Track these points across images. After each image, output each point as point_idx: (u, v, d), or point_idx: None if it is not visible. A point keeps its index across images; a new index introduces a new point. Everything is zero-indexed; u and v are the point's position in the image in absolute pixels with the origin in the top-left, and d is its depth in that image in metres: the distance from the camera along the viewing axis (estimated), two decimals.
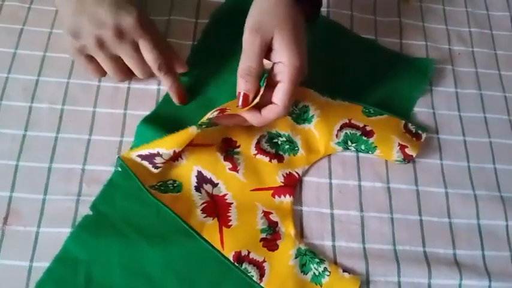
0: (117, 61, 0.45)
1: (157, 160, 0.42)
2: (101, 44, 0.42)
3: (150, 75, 0.46)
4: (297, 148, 0.46)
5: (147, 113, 0.46)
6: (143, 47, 0.44)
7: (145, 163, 0.43)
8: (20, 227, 0.41)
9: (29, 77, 0.47)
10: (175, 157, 0.44)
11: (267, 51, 0.40)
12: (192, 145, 0.44)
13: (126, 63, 0.45)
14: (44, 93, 0.47)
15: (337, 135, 0.46)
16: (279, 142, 0.46)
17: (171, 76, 0.46)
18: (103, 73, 0.46)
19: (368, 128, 0.47)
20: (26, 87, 0.47)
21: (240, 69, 0.40)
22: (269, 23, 0.39)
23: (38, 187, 0.42)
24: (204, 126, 0.42)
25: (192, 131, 0.41)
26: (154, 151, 0.42)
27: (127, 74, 0.46)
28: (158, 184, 0.43)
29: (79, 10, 0.42)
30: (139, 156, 0.43)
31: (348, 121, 0.47)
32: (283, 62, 0.39)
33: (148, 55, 0.44)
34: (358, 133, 0.47)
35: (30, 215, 0.41)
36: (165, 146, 0.42)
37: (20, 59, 0.48)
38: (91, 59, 0.45)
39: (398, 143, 0.46)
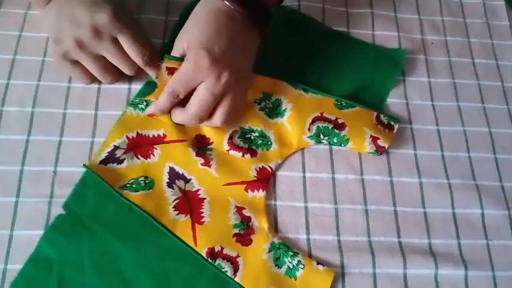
0: (102, 61, 0.45)
1: (118, 153, 0.44)
2: (80, 45, 0.43)
3: (137, 70, 0.46)
4: (270, 143, 0.47)
5: (119, 112, 0.47)
6: (123, 42, 0.44)
7: (111, 165, 0.44)
8: None
9: None
10: (147, 154, 0.45)
11: None
12: (164, 142, 0.45)
13: (111, 61, 0.45)
14: (14, 96, 0.47)
15: (309, 129, 0.47)
16: (252, 137, 0.47)
17: (157, 68, 0.45)
18: (91, 77, 0.47)
19: (340, 121, 0.47)
20: None
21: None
22: (186, 32, 0.42)
23: (10, 190, 0.43)
24: (138, 105, 0.46)
25: (130, 112, 0.46)
26: (110, 147, 0.44)
27: (115, 74, 0.47)
28: (130, 182, 0.43)
29: (59, 15, 0.43)
30: (102, 162, 0.44)
31: (319, 114, 0.48)
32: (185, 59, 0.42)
33: (130, 50, 0.44)
34: (330, 126, 0.47)
35: (3, 218, 0.42)
36: (115, 136, 0.45)
37: None
38: (76, 63, 0.45)
39: (370, 135, 0.46)
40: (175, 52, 0.42)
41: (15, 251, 0.40)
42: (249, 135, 0.47)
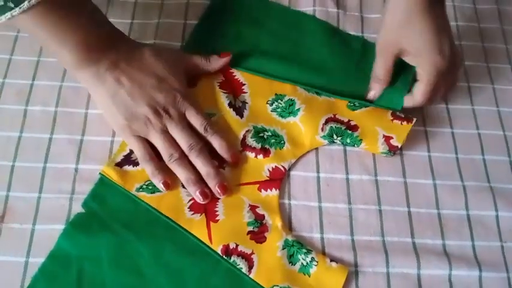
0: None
1: (134, 156, 0.46)
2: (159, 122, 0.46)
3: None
4: (283, 142, 0.49)
5: None
6: (190, 116, 0.47)
7: (126, 167, 0.46)
8: (16, 225, 0.44)
9: (23, 81, 0.51)
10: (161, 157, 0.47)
11: (402, 53, 0.49)
12: None
13: (178, 136, 0.46)
14: (38, 96, 0.50)
15: (322, 129, 0.49)
16: (265, 136, 0.49)
17: (217, 137, 0.47)
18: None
19: (352, 123, 0.49)
20: (20, 91, 0.50)
21: (372, 74, 0.51)
22: (395, 37, 0.48)
23: (33, 186, 0.45)
24: None
25: None
26: (126, 151, 0.47)
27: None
28: (146, 184, 0.46)
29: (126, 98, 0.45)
30: (118, 165, 0.46)
31: (332, 116, 0.50)
32: (417, 67, 0.48)
33: (195, 121, 0.47)
34: (343, 127, 0.49)
35: (26, 213, 0.44)
36: None
37: (14, 64, 0.52)
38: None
39: (383, 135, 0.48)
40: (385, 57, 0.49)
41: (37, 245, 0.43)
42: (262, 134, 0.49)
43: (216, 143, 0.47)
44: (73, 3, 0.43)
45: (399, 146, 0.48)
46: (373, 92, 0.51)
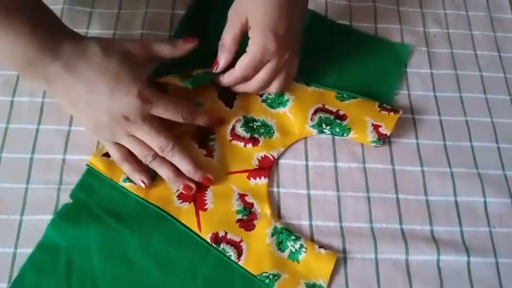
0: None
1: None
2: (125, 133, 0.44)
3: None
4: (272, 131, 0.49)
5: None
6: (159, 114, 0.44)
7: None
8: (4, 216, 0.44)
9: (9, 72, 0.51)
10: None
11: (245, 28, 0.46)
12: None
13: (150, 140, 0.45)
14: (25, 87, 0.50)
15: (311, 119, 0.50)
16: (254, 126, 0.50)
17: (199, 116, 0.47)
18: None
19: (341, 113, 0.50)
20: (6, 81, 0.50)
21: (220, 41, 0.48)
22: (244, 5, 0.45)
23: (21, 177, 0.46)
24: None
25: None
26: None
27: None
28: None
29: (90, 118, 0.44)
30: (106, 154, 0.47)
31: (321, 106, 0.51)
32: (250, 40, 0.45)
33: (168, 116, 0.45)
34: (332, 117, 0.50)
35: (14, 204, 0.45)
36: None
37: None
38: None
39: (372, 123, 0.49)
40: (233, 24, 0.46)
41: (25, 236, 0.43)
42: (251, 124, 0.50)
43: (200, 122, 0.47)
44: (17, 9, 0.39)
45: (388, 134, 0.48)
46: (221, 62, 0.47)
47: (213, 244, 0.43)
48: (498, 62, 0.57)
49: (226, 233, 0.44)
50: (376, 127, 0.49)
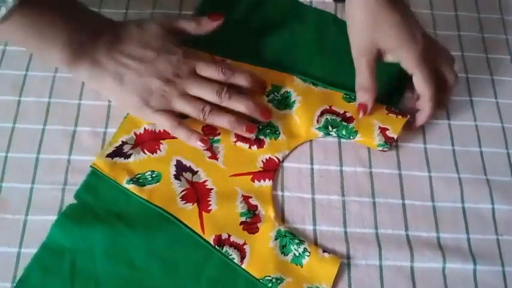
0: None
1: (126, 148, 0.48)
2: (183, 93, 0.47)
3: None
4: (278, 132, 0.50)
5: None
6: (202, 71, 0.49)
7: (117, 159, 0.47)
8: (9, 215, 0.45)
9: (17, 73, 0.52)
10: (154, 149, 0.48)
11: (381, 54, 0.48)
12: (170, 137, 0.49)
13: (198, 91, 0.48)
14: (31, 87, 0.51)
15: (318, 121, 0.50)
16: (260, 127, 0.50)
17: (238, 73, 0.49)
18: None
19: (348, 114, 0.50)
20: (14, 82, 0.51)
21: (356, 85, 0.50)
22: (369, 43, 0.47)
23: (26, 177, 0.47)
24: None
25: None
26: (118, 143, 0.48)
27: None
28: (137, 177, 0.47)
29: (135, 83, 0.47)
30: (109, 155, 0.47)
31: (328, 107, 0.51)
32: (401, 63, 0.48)
33: (210, 73, 0.49)
34: (339, 119, 0.50)
35: (19, 204, 0.45)
36: (123, 132, 0.49)
37: (9, 56, 0.53)
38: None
39: (379, 127, 0.49)
40: (363, 66, 0.48)
41: (29, 236, 0.44)
42: (257, 125, 0.50)
43: (241, 79, 0.49)
44: (57, 2, 0.44)
45: (395, 138, 0.49)
46: (369, 105, 0.49)
47: (216, 246, 0.44)
48: (509, 65, 0.57)
49: (229, 236, 0.44)
50: (383, 130, 0.49)
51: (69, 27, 0.44)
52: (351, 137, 0.49)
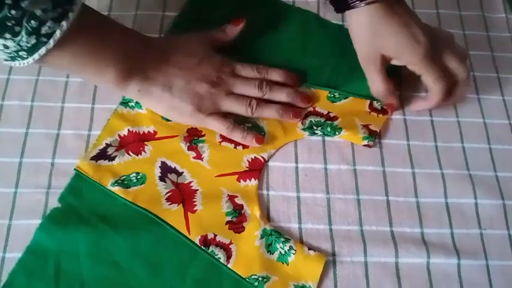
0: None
1: (110, 150, 0.48)
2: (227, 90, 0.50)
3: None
4: (263, 133, 0.50)
5: (115, 106, 0.51)
6: (239, 71, 0.52)
7: (102, 162, 0.48)
8: None
9: None
10: (138, 151, 0.48)
11: (387, 59, 0.50)
12: (155, 139, 0.49)
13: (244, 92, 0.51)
14: (14, 91, 0.51)
15: (302, 122, 0.51)
16: (245, 127, 0.50)
17: (272, 69, 0.53)
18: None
19: (332, 114, 0.51)
20: None
21: (372, 92, 0.52)
22: (373, 51, 0.49)
23: (9, 181, 0.47)
24: (129, 103, 0.51)
25: (121, 110, 0.51)
26: (102, 145, 0.48)
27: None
28: (121, 178, 0.47)
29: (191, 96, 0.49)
30: (94, 158, 0.48)
31: (312, 109, 0.52)
32: (408, 66, 0.50)
33: (245, 71, 0.52)
34: (323, 120, 0.51)
35: (2, 208, 0.45)
36: (107, 134, 0.49)
37: None
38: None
39: (361, 124, 0.50)
40: (374, 72, 0.50)
41: (14, 240, 0.44)
42: (242, 126, 0.50)
43: (274, 74, 0.52)
44: (100, 20, 0.46)
45: (378, 131, 0.50)
46: (393, 104, 0.52)
47: (202, 246, 0.44)
48: (491, 62, 0.58)
49: (215, 235, 0.45)
50: (365, 126, 0.50)
51: (119, 49, 0.46)
52: (336, 133, 0.50)
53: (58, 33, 0.39)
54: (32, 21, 0.37)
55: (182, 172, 0.48)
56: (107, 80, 0.46)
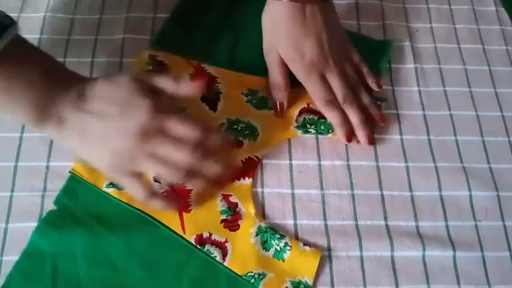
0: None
1: None
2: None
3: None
4: (256, 133, 0.51)
5: None
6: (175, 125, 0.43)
7: None
8: None
9: None
10: None
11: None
12: None
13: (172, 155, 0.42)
14: None
15: (296, 120, 0.51)
16: (239, 128, 0.51)
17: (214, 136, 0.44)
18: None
19: None
20: None
21: (269, 82, 0.53)
22: (273, 46, 0.51)
23: (5, 185, 0.47)
24: None
25: None
26: None
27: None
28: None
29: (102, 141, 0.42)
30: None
31: (306, 105, 0.52)
32: (293, 72, 0.51)
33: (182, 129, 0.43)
34: (316, 117, 0.51)
35: None
36: None
37: None
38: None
39: None
40: (273, 63, 0.51)
41: (10, 243, 0.44)
42: (235, 126, 0.51)
43: (216, 140, 0.45)
44: (22, 59, 0.41)
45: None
46: (285, 103, 0.52)
47: (198, 246, 0.44)
48: (482, 55, 0.59)
49: (210, 234, 0.45)
50: None
51: (35, 85, 0.41)
52: (330, 131, 0.51)
53: None
54: None
55: None
56: (21, 120, 0.44)
